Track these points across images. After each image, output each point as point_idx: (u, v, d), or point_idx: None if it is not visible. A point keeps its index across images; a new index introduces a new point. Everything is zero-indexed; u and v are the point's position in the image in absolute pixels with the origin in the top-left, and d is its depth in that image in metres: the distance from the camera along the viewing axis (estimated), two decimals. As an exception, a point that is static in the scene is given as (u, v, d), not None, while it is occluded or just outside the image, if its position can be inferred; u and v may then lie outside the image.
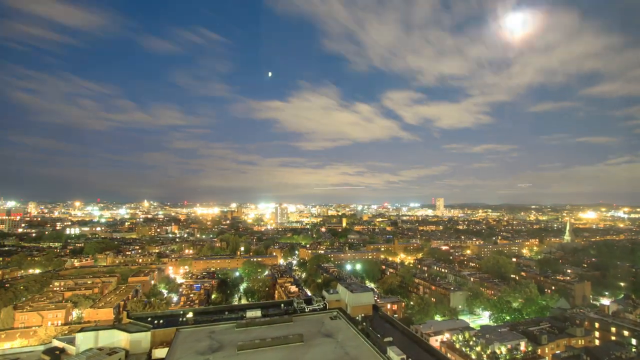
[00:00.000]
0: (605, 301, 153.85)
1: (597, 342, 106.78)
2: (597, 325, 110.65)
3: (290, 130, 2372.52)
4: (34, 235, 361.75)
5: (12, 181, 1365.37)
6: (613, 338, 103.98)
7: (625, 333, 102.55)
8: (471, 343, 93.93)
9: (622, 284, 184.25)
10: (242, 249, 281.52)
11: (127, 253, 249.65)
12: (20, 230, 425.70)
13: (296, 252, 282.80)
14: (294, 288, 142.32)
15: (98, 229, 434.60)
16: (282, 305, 65.25)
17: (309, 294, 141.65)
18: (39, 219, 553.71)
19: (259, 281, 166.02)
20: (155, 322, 55.24)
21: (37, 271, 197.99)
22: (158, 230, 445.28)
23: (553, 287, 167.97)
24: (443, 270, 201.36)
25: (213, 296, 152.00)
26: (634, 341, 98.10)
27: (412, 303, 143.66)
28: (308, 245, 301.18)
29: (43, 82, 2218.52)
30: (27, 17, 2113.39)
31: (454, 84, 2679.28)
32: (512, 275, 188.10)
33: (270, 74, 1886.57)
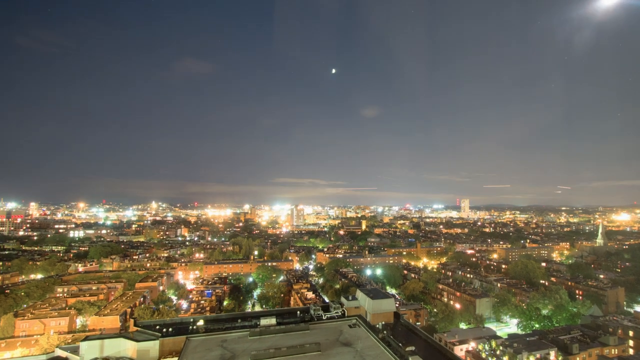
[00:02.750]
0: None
1: (631, 351, 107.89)
2: (631, 333, 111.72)
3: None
4: (35, 238, 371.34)
5: (13, 181, 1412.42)
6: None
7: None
8: (498, 352, 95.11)
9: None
10: (256, 253, 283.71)
11: (134, 257, 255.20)
12: (21, 233, 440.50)
13: (313, 256, 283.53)
14: (310, 294, 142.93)
15: (103, 231, 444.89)
16: (298, 312, 65.57)
17: (327, 300, 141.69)
18: (41, 221, 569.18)
19: (274, 287, 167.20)
20: (164, 330, 56.14)
21: (39, 276, 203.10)
22: (167, 233, 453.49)
23: (585, 293, 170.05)
24: (468, 275, 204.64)
25: (225, 303, 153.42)
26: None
27: (435, 310, 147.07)
28: (325, 249, 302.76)
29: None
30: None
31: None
32: (541, 281, 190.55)
33: (334, 70, 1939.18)
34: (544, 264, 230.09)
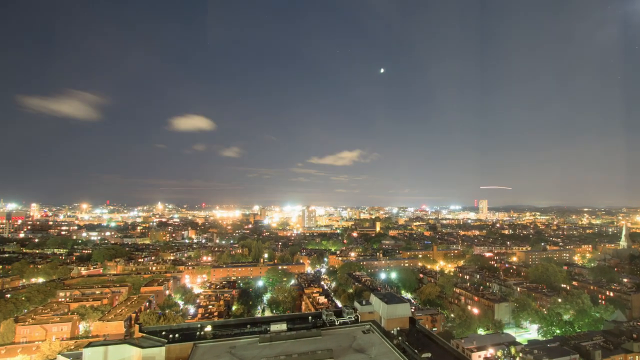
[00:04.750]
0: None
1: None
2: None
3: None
4: (37, 240, 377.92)
5: (13, 181, 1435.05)
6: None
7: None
8: (517, 359, 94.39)
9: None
10: (266, 255, 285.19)
11: (140, 260, 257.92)
12: (22, 235, 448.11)
13: (325, 259, 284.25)
14: (322, 299, 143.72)
15: (107, 233, 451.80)
16: (310, 317, 65.41)
17: (340, 305, 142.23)
18: (43, 222, 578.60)
19: (284, 291, 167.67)
20: (170, 336, 56.34)
21: (41, 280, 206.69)
22: (173, 235, 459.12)
23: (608, 298, 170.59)
24: (487, 279, 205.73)
25: (234, 308, 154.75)
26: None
27: (452, 315, 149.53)
28: (338, 252, 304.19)
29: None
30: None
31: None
32: (562, 285, 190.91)
33: (382, 70, 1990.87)
34: (565, 268, 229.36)
